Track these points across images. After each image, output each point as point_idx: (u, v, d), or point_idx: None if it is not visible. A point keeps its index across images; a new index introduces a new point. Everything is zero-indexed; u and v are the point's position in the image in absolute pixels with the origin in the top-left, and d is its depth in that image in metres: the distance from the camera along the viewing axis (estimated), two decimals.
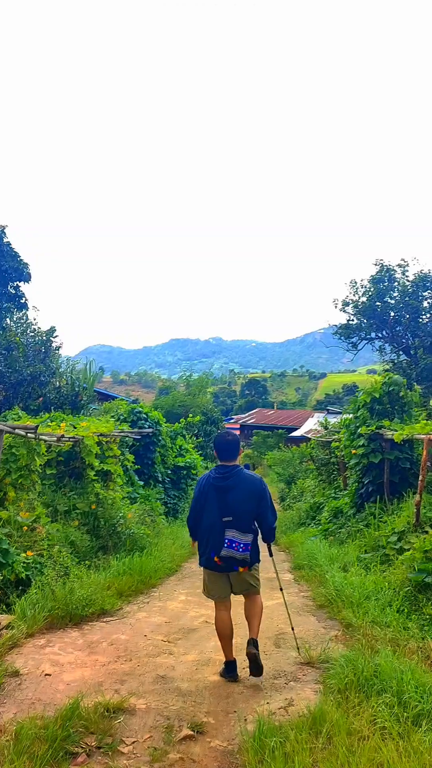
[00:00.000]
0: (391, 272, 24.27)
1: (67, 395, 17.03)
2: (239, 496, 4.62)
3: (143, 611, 6.80)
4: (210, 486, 4.74)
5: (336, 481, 14.75)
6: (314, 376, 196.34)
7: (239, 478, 4.69)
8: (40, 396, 16.77)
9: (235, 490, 4.64)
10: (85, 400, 17.29)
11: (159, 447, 14.86)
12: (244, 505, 4.61)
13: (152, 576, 8.28)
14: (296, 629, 6.04)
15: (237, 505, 4.60)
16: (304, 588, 8.04)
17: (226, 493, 4.64)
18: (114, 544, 9.40)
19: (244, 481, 4.69)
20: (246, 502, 4.62)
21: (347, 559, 8.54)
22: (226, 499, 4.63)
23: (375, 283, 24.05)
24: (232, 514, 4.58)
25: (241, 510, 4.60)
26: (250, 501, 4.64)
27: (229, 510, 4.59)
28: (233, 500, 4.61)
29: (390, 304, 23.33)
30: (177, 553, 10.34)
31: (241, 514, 4.59)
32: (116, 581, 7.49)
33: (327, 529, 11.53)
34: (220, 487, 4.67)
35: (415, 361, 21.37)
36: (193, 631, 6.03)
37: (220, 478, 4.70)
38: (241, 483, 4.67)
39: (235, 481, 4.67)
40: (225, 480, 4.68)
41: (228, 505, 4.61)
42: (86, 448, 10.07)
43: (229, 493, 4.64)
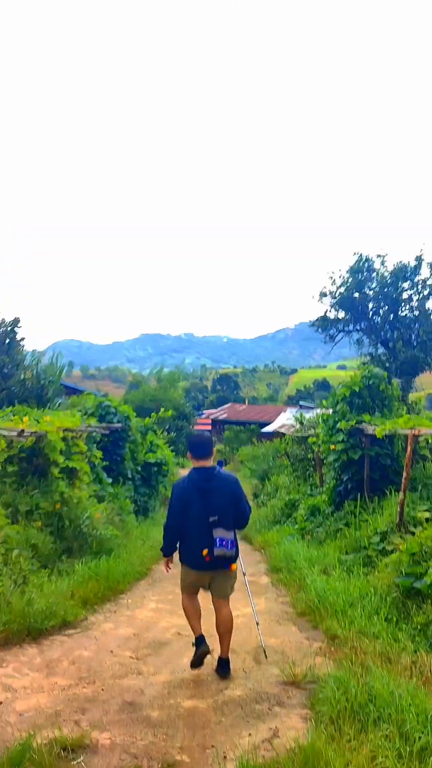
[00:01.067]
0: (369, 263, 23.78)
1: (33, 388, 16.32)
2: (222, 496, 4.81)
3: (110, 622, 6.24)
4: (193, 488, 4.85)
5: (312, 478, 14.34)
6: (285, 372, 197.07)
7: (220, 479, 4.89)
8: (4, 389, 16.03)
9: (218, 492, 4.81)
10: (51, 394, 16.59)
11: (129, 443, 14.24)
12: (226, 504, 4.80)
13: (120, 581, 7.71)
14: (276, 640, 5.58)
15: (221, 505, 4.76)
16: (283, 593, 7.57)
17: (210, 495, 4.79)
18: (80, 547, 8.80)
19: (224, 482, 4.89)
20: (228, 502, 4.82)
21: (328, 561, 8.09)
22: (210, 500, 4.77)
23: (353, 273, 23.51)
24: (218, 513, 4.72)
25: (224, 509, 4.77)
26: (231, 500, 4.84)
27: (214, 510, 4.73)
28: (217, 501, 4.77)
29: (368, 296, 23.03)
30: (147, 554, 9.77)
31: (224, 513, 4.76)
32: (81, 588, 6.90)
33: (304, 528, 11.08)
34: (205, 489, 4.81)
35: (393, 354, 21.02)
36: (165, 645, 5.49)
37: (203, 480, 4.84)
38: (221, 484, 4.87)
39: (218, 483, 4.85)
40: (208, 482, 4.83)
41: (213, 505, 4.75)
42: (50, 444, 9.43)
43: (212, 494, 4.79)
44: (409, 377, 21.00)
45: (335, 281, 24.35)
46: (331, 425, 10.65)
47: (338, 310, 23.24)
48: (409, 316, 22.33)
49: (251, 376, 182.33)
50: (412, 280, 23.19)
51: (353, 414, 10.22)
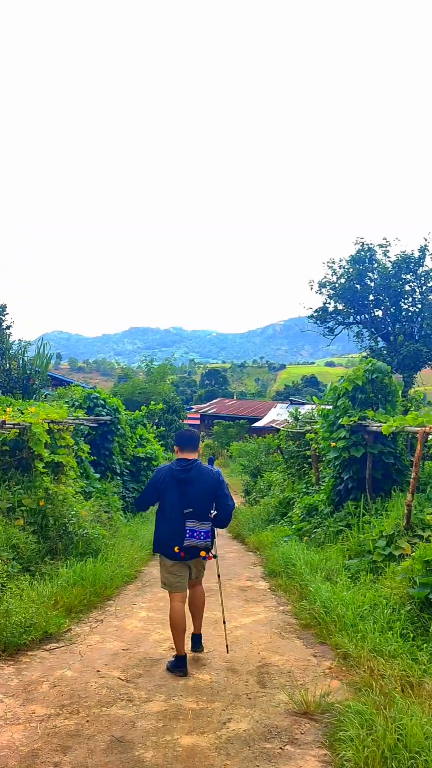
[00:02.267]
0: (372, 252, 22.96)
1: (18, 378, 15.62)
2: (199, 488, 4.83)
3: (96, 633, 5.66)
4: (171, 477, 4.90)
5: (307, 475, 13.81)
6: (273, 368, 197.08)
7: (199, 471, 4.91)
8: None
9: (195, 483, 4.84)
10: (37, 385, 15.90)
11: (117, 436, 13.65)
12: (203, 496, 4.82)
13: (108, 586, 7.14)
14: (281, 658, 5.04)
15: (197, 496, 4.81)
16: (283, 601, 7.02)
17: (187, 485, 4.84)
18: (65, 547, 8.21)
19: (203, 474, 4.91)
20: (205, 494, 4.84)
21: (330, 566, 7.54)
22: (186, 490, 4.83)
23: (354, 263, 22.61)
24: (192, 505, 4.79)
25: (200, 501, 4.81)
26: (209, 493, 4.86)
27: (189, 501, 4.80)
28: (193, 492, 4.81)
29: (369, 287, 22.11)
30: (137, 555, 9.21)
31: (200, 505, 4.81)
32: (65, 594, 6.32)
33: (301, 528, 10.55)
34: (182, 479, 4.86)
35: (394, 348, 20.32)
36: (158, 663, 4.92)
37: (182, 471, 4.89)
38: (200, 476, 4.89)
39: (196, 474, 4.88)
40: (186, 472, 4.87)
41: (188, 496, 4.81)
42: (34, 437, 8.82)
43: (189, 485, 4.84)
44: (411, 372, 20.36)
45: (335, 271, 23.44)
46: (332, 421, 10.12)
47: (337, 301, 22.45)
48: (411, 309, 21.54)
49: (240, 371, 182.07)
50: (416, 272, 22.27)
51: (356, 409, 9.69)
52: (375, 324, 21.89)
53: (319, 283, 23.40)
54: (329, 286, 22.64)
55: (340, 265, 23.26)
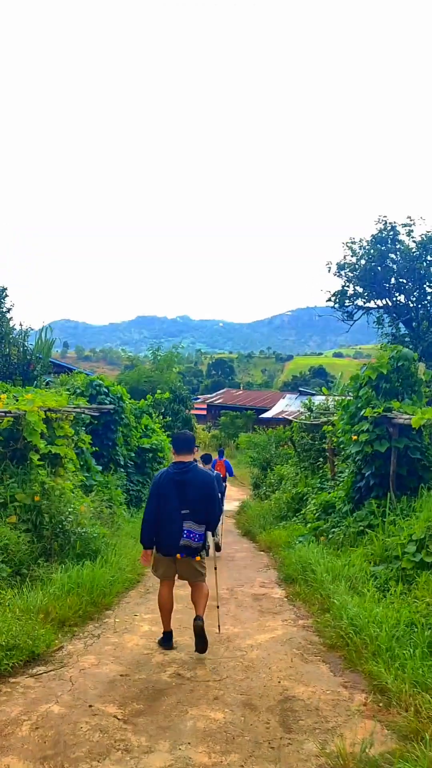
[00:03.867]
0: (395, 232, 21.43)
1: (18, 364, 14.91)
2: (196, 490, 5.04)
3: (91, 653, 4.92)
4: (169, 481, 5.10)
5: (321, 470, 13.05)
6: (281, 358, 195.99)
7: (195, 474, 5.13)
8: None
9: (192, 485, 5.05)
10: (38, 371, 15.19)
11: (121, 426, 12.88)
12: (199, 498, 5.03)
13: (107, 593, 6.40)
14: (306, 688, 4.29)
15: (193, 498, 5.01)
16: (303, 613, 6.27)
17: (184, 487, 5.04)
18: (60, 547, 7.49)
19: (199, 477, 5.13)
20: (201, 496, 5.04)
21: (353, 573, 6.79)
22: (184, 492, 5.03)
23: (376, 243, 21.21)
24: (189, 507, 4.99)
25: (196, 503, 5.01)
26: (204, 494, 5.06)
27: (186, 503, 5.00)
28: (190, 494, 5.02)
29: (392, 269, 20.87)
30: (139, 556, 8.45)
31: (196, 506, 5.01)
32: (57, 604, 5.59)
33: (317, 527, 9.80)
34: (179, 481, 5.06)
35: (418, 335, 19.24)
36: (162, 694, 4.17)
37: (179, 473, 5.10)
38: (196, 478, 5.10)
39: (192, 476, 5.09)
40: (184, 475, 5.08)
41: (186, 498, 5.01)
42: (29, 426, 8.08)
43: (187, 487, 5.04)
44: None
45: (355, 252, 21.96)
46: (353, 412, 9.33)
47: (357, 284, 21.23)
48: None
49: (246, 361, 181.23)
50: None
51: (380, 400, 8.90)
52: (397, 309, 20.72)
53: (337, 265, 22.23)
54: (348, 268, 21.52)
55: (360, 245, 21.95)
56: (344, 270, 21.29)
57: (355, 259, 21.07)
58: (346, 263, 21.33)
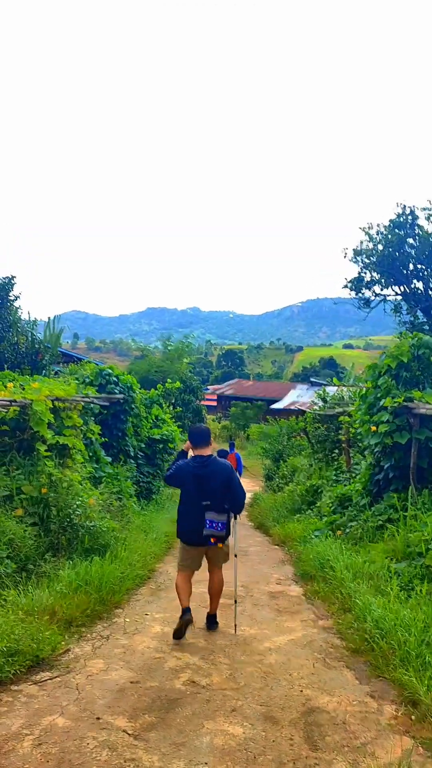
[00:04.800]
0: (414, 216, 20.45)
1: (26, 353, 14.62)
2: (216, 482, 5.27)
3: (99, 657, 4.62)
4: (190, 474, 5.34)
5: (336, 462, 12.70)
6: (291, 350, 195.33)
7: (215, 467, 5.35)
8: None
9: (212, 478, 5.28)
10: (47, 360, 14.90)
11: (131, 416, 12.56)
12: (219, 490, 5.26)
13: (116, 590, 6.10)
14: (330, 699, 3.98)
15: (214, 490, 5.25)
16: (323, 613, 5.94)
17: (204, 481, 5.28)
18: (68, 542, 7.19)
19: (218, 469, 5.35)
20: (221, 488, 5.28)
21: (374, 570, 6.45)
22: (204, 486, 5.26)
23: (394, 228, 20.29)
24: (211, 498, 5.22)
25: (216, 494, 5.24)
26: (223, 486, 5.30)
27: (207, 495, 5.23)
28: (210, 486, 5.26)
29: (410, 255, 20.09)
30: (151, 550, 8.18)
31: (217, 497, 5.25)
32: (64, 603, 5.30)
33: (333, 521, 9.47)
34: (199, 475, 5.30)
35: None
36: (175, 704, 3.86)
37: (199, 467, 5.33)
38: (216, 471, 5.33)
39: (212, 470, 5.32)
40: (204, 468, 5.32)
41: (206, 491, 5.24)
42: (35, 416, 7.78)
43: (207, 480, 5.27)
44: None
45: (372, 237, 21.06)
46: (372, 402, 8.97)
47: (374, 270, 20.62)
48: None
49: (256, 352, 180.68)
50: None
51: (400, 389, 8.53)
52: (415, 296, 20.07)
53: (354, 251, 21.50)
54: (365, 254, 20.91)
55: (377, 230, 21.13)
56: (361, 256, 20.62)
57: (373, 244, 20.37)
58: (363, 249, 20.67)
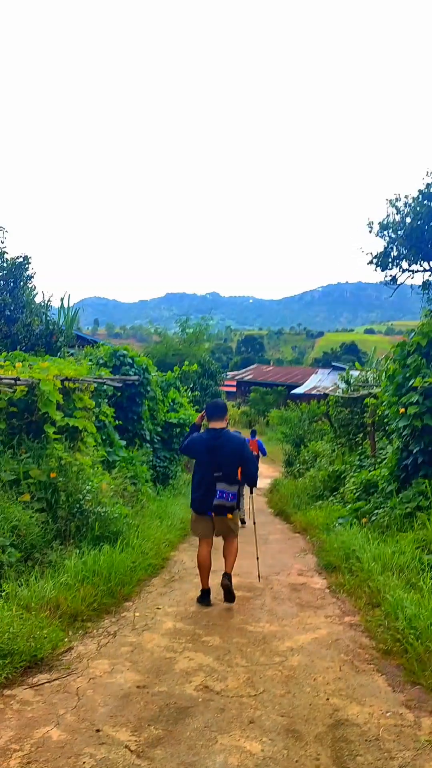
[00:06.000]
0: None
1: (41, 335, 14.25)
2: (226, 453, 5.43)
3: (104, 656, 4.21)
4: (203, 446, 5.55)
5: (360, 446, 12.18)
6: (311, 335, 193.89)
7: (226, 438, 5.52)
8: (8, 336, 14.02)
9: (223, 449, 5.44)
10: (61, 342, 14.52)
11: (147, 399, 12.16)
12: (230, 461, 5.43)
13: (126, 581, 5.69)
14: (360, 709, 3.53)
15: (225, 461, 5.42)
16: (348, 608, 5.47)
17: (216, 452, 5.44)
18: (77, 529, 6.80)
19: (229, 441, 5.52)
20: (232, 459, 5.44)
21: (405, 562, 5.96)
22: (216, 456, 5.43)
23: (424, 199, 19.23)
24: (221, 469, 5.40)
25: (228, 465, 5.41)
26: (234, 457, 5.45)
27: (219, 466, 5.40)
28: (222, 457, 5.42)
29: None
30: (165, 537, 7.77)
31: (228, 469, 5.42)
32: (69, 595, 4.90)
33: (358, 508, 8.99)
34: (212, 447, 5.47)
35: None
36: (186, 713, 3.44)
37: (212, 439, 5.51)
38: (227, 442, 5.49)
39: (223, 441, 5.48)
40: (215, 440, 5.48)
41: (218, 462, 5.41)
42: (43, 396, 7.39)
43: (218, 451, 5.44)
44: None
45: (399, 209, 19.96)
46: (400, 382, 8.43)
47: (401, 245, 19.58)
48: None
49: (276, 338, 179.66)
50: None
51: (431, 368, 7.99)
52: None
53: (380, 224, 20.41)
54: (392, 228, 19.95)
55: (405, 202, 20.03)
56: (387, 230, 19.72)
57: (400, 217, 19.51)
58: (389, 222, 19.78)
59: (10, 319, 14.10)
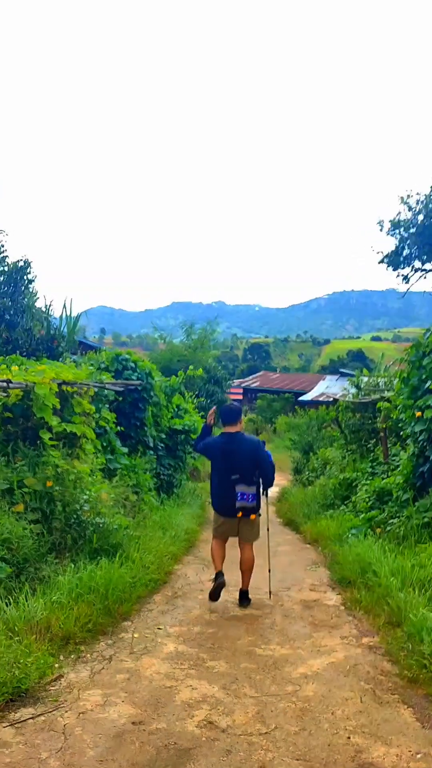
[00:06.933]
0: None
1: (41, 340, 13.89)
2: (242, 455, 5.59)
3: (97, 686, 3.78)
4: (219, 450, 5.72)
5: (372, 453, 11.72)
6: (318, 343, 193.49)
7: (241, 441, 5.70)
8: (9, 341, 13.68)
9: (239, 452, 5.60)
10: (63, 347, 14.16)
11: (151, 405, 11.72)
12: (246, 463, 5.58)
13: (125, 598, 5.27)
14: (386, 749, 3.10)
15: (241, 464, 5.57)
16: (366, 627, 5.02)
17: (232, 455, 5.61)
18: (74, 541, 6.39)
19: (245, 443, 5.70)
20: (248, 461, 5.59)
21: (426, 576, 5.50)
22: (232, 460, 5.59)
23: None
24: (239, 472, 5.54)
25: (245, 467, 5.56)
26: (251, 459, 5.61)
27: (236, 469, 5.55)
28: (238, 460, 5.58)
29: None
30: (168, 550, 7.33)
31: (245, 471, 5.57)
32: (62, 615, 4.48)
33: (372, 518, 8.54)
34: (227, 450, 5.64)
35: None
36: (187, 756, 3.00)
37: (227, 443, 5.68)
38: (242, 445, 5.67)
39: (238, 444, 5.65)
40: (230, 444, 5.65)
41: (234, 465, 5.57)
42: (38, 401, 6.99)
43: (234, 454, 5.60)
44: None
45: (411, 207, 19.19)
46: (416, 385, 8.00)
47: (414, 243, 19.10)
48: None
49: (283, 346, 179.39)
50: None
51: None
52: None
53: (391, 222, 19.57)
54: (403, 226, 19.39)
55: (417, 199, 19.21)
56: (399, 228, 19.18)
57: (412, 214, 19.01)
58: (401, 220, 19.25)
59: (10, 323, 13.78)
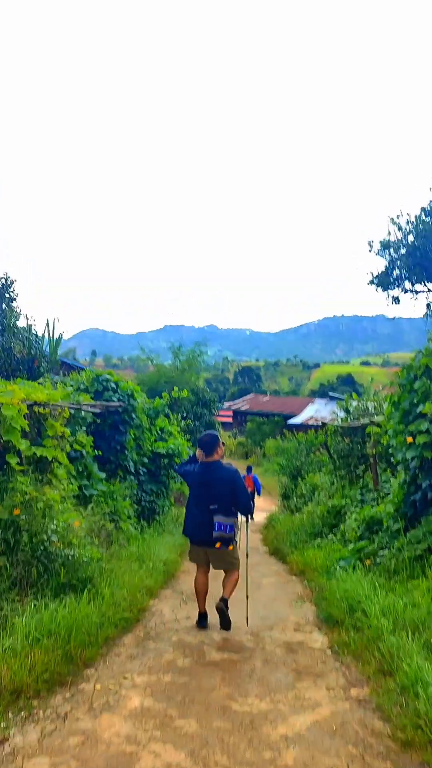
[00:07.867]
0: None
1: (22, 360, 13.45)
2: (220, 486, 5.64)
3: (45, 751, 3.28)
4: (196, 479, 5.82)
5: (362, 479, 11.30)
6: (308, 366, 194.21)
7: (219, 472, 5.75)
8: None
9: (216, 483, 5.67)
10: (44, 368, 13.71)
11: (132, 427, 11.27)
12: (224, 493, 5.62)
13: (90, 642, 4.76)
14: None
15: (219, 494, 5.61)
16: (355, 676, 4.54)
17: (210, 486, 5.67)
18: (39, 575, 5.89)
19: (221, 473, 5.74)
20: (225, 491, 5.63)
21: (420, 617, 5.05)
22: (210, 490, 5.65)
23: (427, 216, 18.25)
24: (217, 502, 5.58)
25: (222, 498, 5.60)
26: (226, 488, 5.64)
27: (213, 499, 5.60)
28: (216, 490, 5.63)
29: None
30: (143, 584, 6.81)
31: (222, 501, 5.60)
32: (14, 664, 3.98)
33: (361, 549, 8.08)
34: (205, 481, 5.72)
35: None
36: None
37: (203, 474, 5.78)
38: (219, 474, 5.72)
39: (215, 474, 5.72)
40: (206, 475, 5.74)
41: (212, 495, 5.62)
42: (5, 422, 6.52)
43: (212, 485, 5.67)
44: None
45: (401, 227, 18.95)
46: (407, 409, 7.61)
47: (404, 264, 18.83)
48: None
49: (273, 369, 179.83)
50: None
51: None
52: None
53: (381, 243, 19.48)
54: (393, 247, 19.16)
55: (407, 220, 18.99)
56: (389, 249, 18.96)
57: (402, 234, 18.77)
58: (390, 241, 19.00)
59: None
